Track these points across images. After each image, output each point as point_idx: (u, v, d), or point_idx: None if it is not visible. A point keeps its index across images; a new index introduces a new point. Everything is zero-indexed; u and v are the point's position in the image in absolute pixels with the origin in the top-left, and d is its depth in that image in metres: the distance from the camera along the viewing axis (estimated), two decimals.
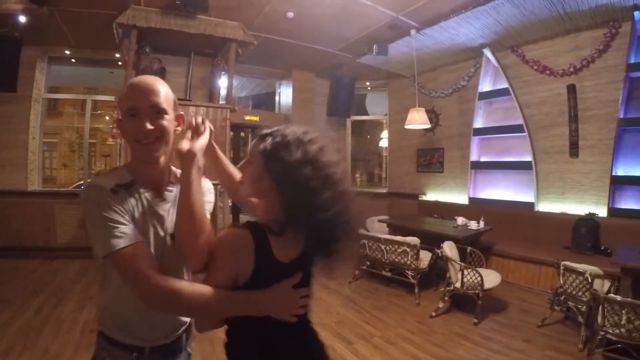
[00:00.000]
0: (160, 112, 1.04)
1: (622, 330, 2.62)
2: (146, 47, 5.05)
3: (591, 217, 4.47)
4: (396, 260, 4.35)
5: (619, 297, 2.69)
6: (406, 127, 5.49)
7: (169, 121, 1.06)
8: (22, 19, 4.56)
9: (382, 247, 4.46)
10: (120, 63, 5.85)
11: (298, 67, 6.82)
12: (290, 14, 4.82)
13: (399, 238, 4.38)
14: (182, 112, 1.13)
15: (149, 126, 1.01)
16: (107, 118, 7.03)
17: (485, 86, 5.82)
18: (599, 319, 2.75)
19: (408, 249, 4.20)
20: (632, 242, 3.75)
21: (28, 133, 5.56)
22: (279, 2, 4.52)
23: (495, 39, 5.17)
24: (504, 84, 5.49)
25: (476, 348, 3.06)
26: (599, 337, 2.75)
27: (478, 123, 5.92)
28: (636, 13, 3.99)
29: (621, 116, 4.34)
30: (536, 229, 5.08)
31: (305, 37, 5.55)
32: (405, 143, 7.19)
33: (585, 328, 3.05)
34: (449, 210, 5.86)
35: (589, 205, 4.64)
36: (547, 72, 5.00)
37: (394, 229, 5.34)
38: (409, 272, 4.23)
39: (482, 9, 4.34)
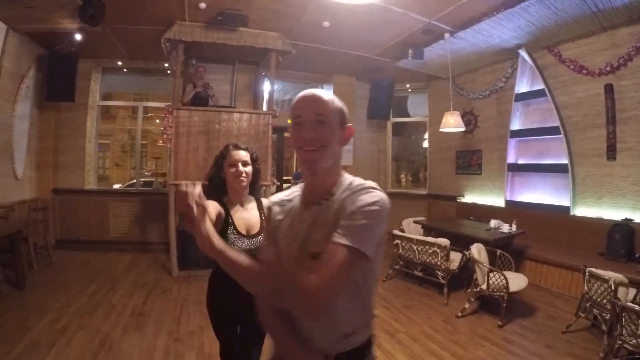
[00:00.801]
0: (324, 121, 1.11)
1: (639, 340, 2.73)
2: (192, 58, 5.60)
3: (627, 222, 4.50)
4: (427, 260, 4.66)
5: (637, 307, 2.77)
6: (441, 130, 5.72)
7: (332, 131, 1.12)
8: (78, 36, 5.25)
9: (414, 247, 4.80)
10: (169, 72, 6.47)
11: (338, 72, 7.23)
12: (326, 23, 5.21)
13: (429, 239, 4.69)
14: (350, 125, 1.20)
15: (311, 134, 1.09)
16: (157, 121, 7.76)
17: (522, 87, 5.92)
18: (618, 328, 2.87)
19: (438, 250, 4.51)
20: None
21: (85, 137, 6.36)
22: (314, 12, 4.91)
23: (530, 39, 5.28)
24: (541, 85, 5.56)
25: (496, 350, 3.26)
26: (617, 346, 2.86)
27: (515, 125, 6.02)
28: None
29: None
30: (571, 234, 5.16)
31: (341, 44, 5.93)
32: (445, 145, 7.39)
33: (607, 337, 3.11)
34: (485, 213, 6.04)
35: (626, 211, 4.67)
36: (584, 71, 5.06)
37: (428, 231, 5.60)
38: (439, 273, 4.53)
39: (512, 10, 4.50)
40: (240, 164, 1.95)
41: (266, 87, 6.54)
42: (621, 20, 4.55)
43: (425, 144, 8.22)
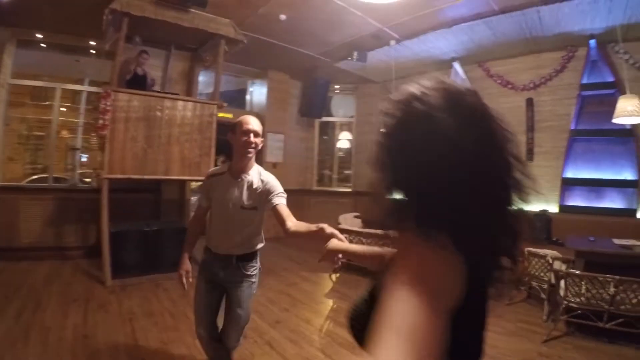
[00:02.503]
0: (259, 135, 2.25)
1: (582, 298, 3.58)
2: (136, 36, 5.34)
3: (544, 213, 5.73)
4: None
5: (578, 272, 3.64)
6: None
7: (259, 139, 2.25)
8: None
9: (364, 240, 5.29)
10: (93, 51, 6.00)
11: (275, 68, 7.47)
12: (283, 17, 5.46)
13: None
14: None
15: (256, 141, 2.23)
16: (65, 109, 6.94)
17: None
18: (562, 292, 3.70)
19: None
20: (579, 233, 4.94)
21: None
22: (276, 4, 5.14)
23: (466, 54, 6.33)
24: None
25: None
26: (563, 306, 3.68)
27: None
28: (591, 41, 5.36)
29: (572, 127, 5.71)
30: None
31: (290, 40, 6.23)
32: (372, 144, 8.09)
33: (547, 303, 4.07)
34: None
35: (542, 203, 5.90)
36: (509, 86, 6.29)
37: (368, 224, 6.16)
38: None
39: (460, 27, 5.38)
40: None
41: (205, 76, 6.52)
42: (547, 47, 5.81)
43: (341, 144, 8.91)
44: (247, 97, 8.06)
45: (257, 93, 7.87)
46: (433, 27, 5.57)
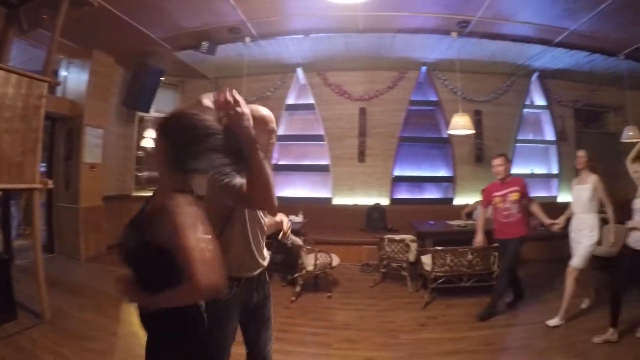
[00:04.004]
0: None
1: (447, 267, 4.81)
2: None
3: (378, 205, 7.17)
4: None
5: (441, 247, 4.82)
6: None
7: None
8: None
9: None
10: None
11: (102, 48, 6.54)
12: None
13: None
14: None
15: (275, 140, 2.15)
16: None
17: (290, 99, 7.82)
18: (428, 266, 4.83)
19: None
20: (408, 220, 6.45)
21: None
22: None
23: (311, 61, 7.22)
24: (307, 100, 7.64)
25: (344, 312, 4.61)
26: (432, 277, 4.80)
27: (280, 130, 7.74)
28: (423, 67, 7.20)
29: (400, 134, 7.41)
30: (335, 218, 7.35)
31: (134, 13, 5.53)
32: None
33: (409, 278, 5.28)
34: None
35: (375, 197, 7.34)
36: (346, 95, 7.55)
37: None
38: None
39: (319, 36, 6.17)
40: None
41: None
42: (383, 66, 7.31)
43: (145, 143, 8.35)
44: (60, 79, 6.67)
45: (75, 77, 6.68)
46: (295, 30, 6.13)
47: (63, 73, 6.73)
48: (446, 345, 3.74)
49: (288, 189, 7.90)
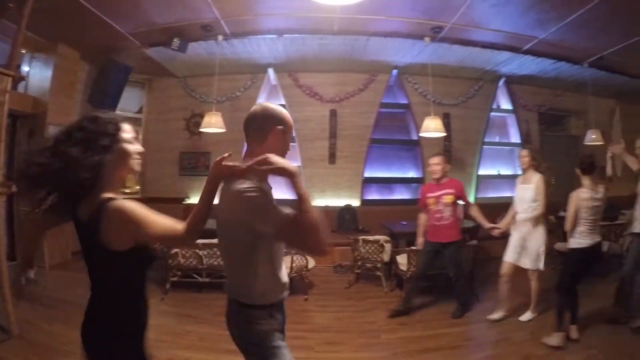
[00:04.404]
0: None
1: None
2: None
3: (349, 206, 7.31)
4: (215, 262, 5.14)
5: (415, 247, 5.02)
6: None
7: None
8: None
9: (200, 252, 5.16)
10: None
11: (67, 42, 6.37)
12: None
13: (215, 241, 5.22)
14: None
15: None
16: None
17: (260, 100, 7.81)
18: (405, 266, 5.00)
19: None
20: (378, 221, 6.62)
21: None
22: None
23: (283, 61, 7.29)
24: (278, 101, 7.67)
25: (322, 314, 4.76)
26: (408, 275, 4.94)
27: None
28: (394, 71, 7.41)
29: (370, 137, 7.59)
30: None
31: (106, 7, 5.38)
32: (167, 145, 8.06)
33: (384, 278, 5.44)
34: None
35: (345, 199, 7.47)
36: (317, 97, 7.67)
37: None
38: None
39: (293, 37, 6.24)
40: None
41: None
42: (355, 69, 7.49)
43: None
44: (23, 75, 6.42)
45: (38, 73, 6.45)
46: (268, 30, 6.17)
47: (25, 68, 6.50)
48: (427, 342, 3.91)
49: None
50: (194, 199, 7.86)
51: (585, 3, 4.93)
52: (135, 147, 1.67)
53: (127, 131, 1.66)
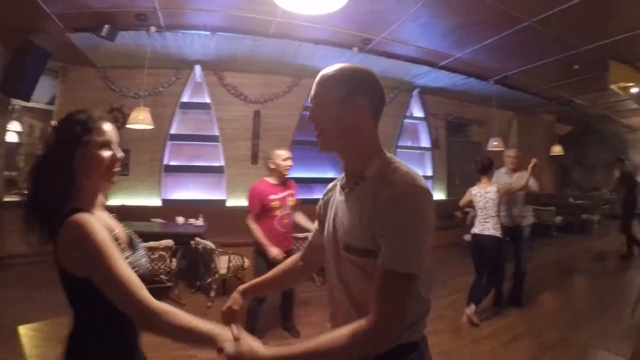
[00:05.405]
0: (318, 104, 1.42)
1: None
2: None
3: None
4: (153, 267, 5.09)
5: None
6: (130, 126, 6.49)
7: (327, 112, 1.38)
8: None
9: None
10: None
11: None
12: None
13: (151, 243, 5.17)
14: (359, 98, 1.37)
15: (310, 119, 1.43)
16: None
17: (185, 97, 8.12)
18: None
19: (164, 253, 5.24)
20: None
21: None
22: None
23: (211, 59, 7.62)
24: (202, 99, 8.06)
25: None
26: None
27: (172, 129, 8.02)
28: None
29: (293, 138, 8.29)
30: (231, 220, 7.57)
31: None
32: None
33: (317, 273, 5.96)
34: (140, 213, 7.19)
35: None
36: (242, 97, 8.14)
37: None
38: (163, 277, 5.35)
39: (227, 35, 6.54)
40: (115, 146, 1.61)
41: None
42: (280, 71, 8.14)
43: (9, 137, 7.77)
44: None
45: None
46: (204, 27, 6.40)
47: None
48: None
49: (181, 191, 8.14)
50: (113, 201, 7.62)
51: (498, 32, 6.24)
52: (107, 153, 1.52)
53: (100, 133, 1.51)
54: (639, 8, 5.32)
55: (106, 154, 1.51)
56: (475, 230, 5.02)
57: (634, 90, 7.70)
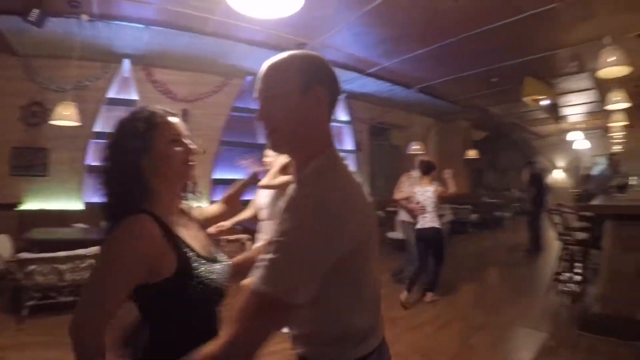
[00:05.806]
0: (265, 97, 1.32)
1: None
2: None
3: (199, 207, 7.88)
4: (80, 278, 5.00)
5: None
6: (54, 122, 6.30)
7: (277, 107, 1.28)
8: None
9: (59, 267, 5.00)
10: None
11: None
12: None
13: (80, 251, 5.09)
14: (319, 88, 1.29)
15: (258, 117, 1.35)
16: None
17: (111, 93, 7.89)
18: None
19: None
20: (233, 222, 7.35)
21: None
22: None
23: (141, 54, 7.50)
24: (129, 95, 7.94)
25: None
26: None
27: (97, 127, 7.69)
28: (248, 77, 8.40)
29: (221, 139, 8.53)
30: None
31: None
32: None
33: None
34: (60, 218, 6.94)
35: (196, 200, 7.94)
36: (170, 95, 8.16)
37: (32, 246, 5.57)
38: None
39: (159, 29, 6.45)
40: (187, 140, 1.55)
41: None
42: (210, 70, 8.29)
43: None
44: None
45: None
46: (140, 19, 6.22)
47: None
48: None
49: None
50: (30, 205, 7.30)
51: (426, 45, 6.97)
52: (177, 148, 1.47)
53: (167, 128, 1.49)
54: (551, 32, 6.37)
55: (177, 149, 1.46)
56: (418, 226, 5.99)
57: (544, 102, 8.94)
